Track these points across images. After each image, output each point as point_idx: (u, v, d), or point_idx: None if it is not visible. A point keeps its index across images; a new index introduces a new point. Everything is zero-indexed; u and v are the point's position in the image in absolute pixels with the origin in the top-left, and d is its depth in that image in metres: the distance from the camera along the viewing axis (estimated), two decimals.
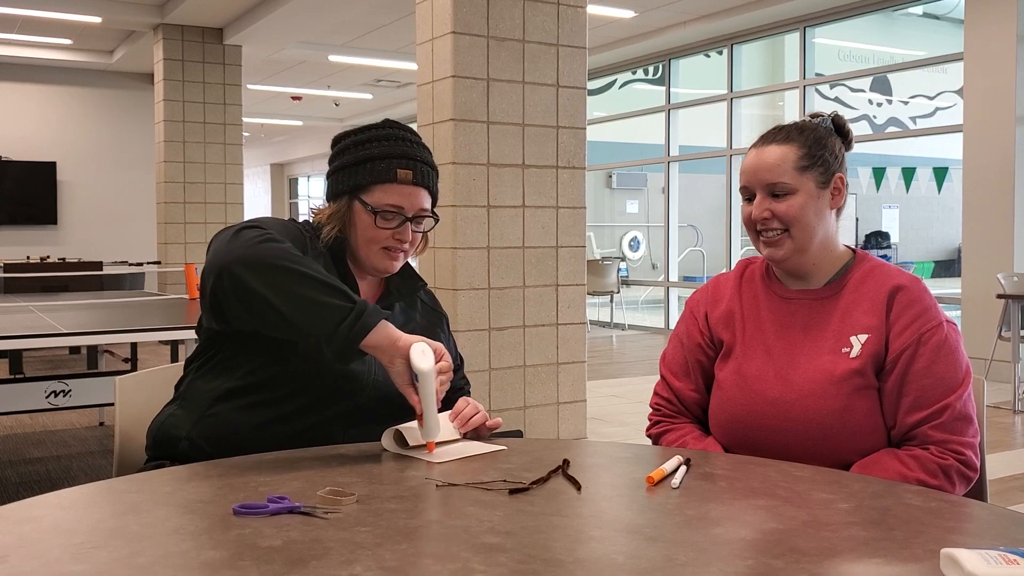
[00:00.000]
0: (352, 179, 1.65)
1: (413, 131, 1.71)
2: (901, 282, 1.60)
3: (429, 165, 1.69)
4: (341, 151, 1.69)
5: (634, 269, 15.60)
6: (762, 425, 1.60)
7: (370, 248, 1.66)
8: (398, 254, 1.67)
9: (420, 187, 1.66)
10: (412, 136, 1.69)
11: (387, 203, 1.63)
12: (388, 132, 1.68)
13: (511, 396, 4.32)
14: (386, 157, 1.64)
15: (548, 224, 4.42)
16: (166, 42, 8.92)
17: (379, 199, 1.63)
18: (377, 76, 11.87)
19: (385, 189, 1.63)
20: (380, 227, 1.64)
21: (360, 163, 1.64)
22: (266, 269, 1.40)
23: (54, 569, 0.95)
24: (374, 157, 1.64)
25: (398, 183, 1.63)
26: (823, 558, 1.00)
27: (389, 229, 1.64)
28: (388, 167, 1.63)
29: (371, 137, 1.67)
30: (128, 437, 1.74)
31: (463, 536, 1.07)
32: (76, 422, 5.43)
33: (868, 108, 14.59)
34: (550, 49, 4.42)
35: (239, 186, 9.30)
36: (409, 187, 1.64)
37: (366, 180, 1.63)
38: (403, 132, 1.69)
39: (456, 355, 1.84)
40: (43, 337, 3.16)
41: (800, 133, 1.64)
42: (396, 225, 1.64)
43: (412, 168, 1.64)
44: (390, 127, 1.69)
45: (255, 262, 1.41)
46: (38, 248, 10.98)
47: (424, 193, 1.67)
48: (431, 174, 1.68)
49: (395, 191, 1.63)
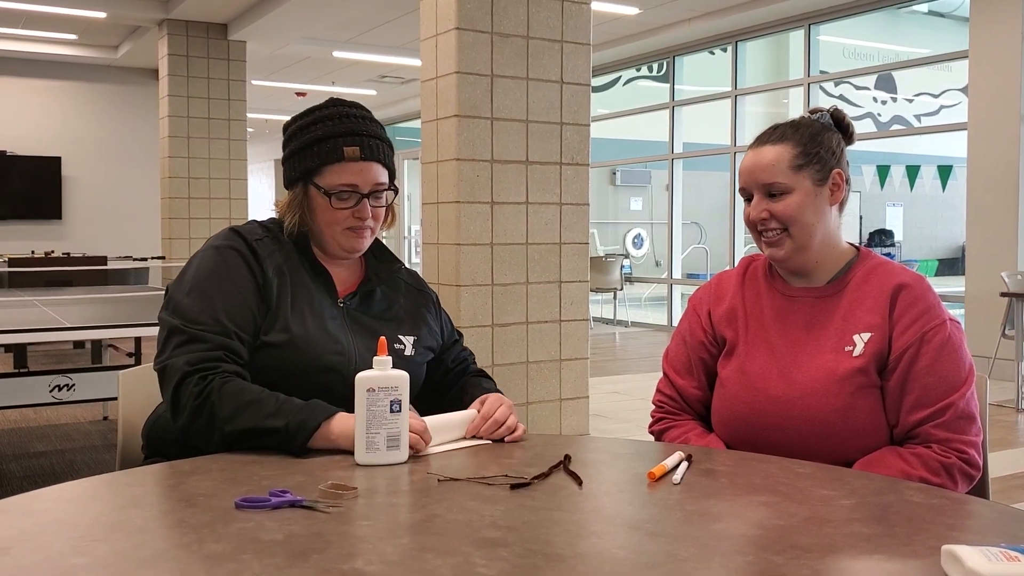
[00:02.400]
0: (302, 164, 1.64)
1: (360, 106, 1.69)
2: (905, 280, 1.59)
3: (377, 138, 1.66)
4: (290, 137, 1.68)
5: (637, 266, 15.59)
6: (765, 423, 1.60)
7: (332, 231, 1.65)
8: (363, 232, 1.66)
9: (370, 161, 1.63)
10: (358, 111, 1.67)
11: (340, 183, 1.62)
12: (332, 111, 1.66)
13: (514, 392, 4.32)
14: (331, 136, 1.62)
15: (551, 221, 4.42)
16: (171, 37, 8.92)
17: (331, 180, 1.62)
18: (381, 72, 11.87)
19: (335, 169, 1.62)
20: (337, 208, 1.63)
21: (307, 147, 1.64)
22: (205, 435, 1.47)
23: (56, 562, 0.96)
24: (319, 139, 1.63)
25: (347, 161, 1.62)
26: (824, 554, 1.00)
27: (347, 209, 1.63)
28: (334, 146, 1.62)
29: (316, 119, 1.65)
30: (131, 431, 1.75)
31: (464, 531, 1.07)
32: (80, 416, 5.44)
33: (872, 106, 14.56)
34: (554, 45, 4.41)
35: (243, 182, 9.30)
36: (359, 163, 1.62)
37: (315, 163, 1.63)
38: (348, 109, 1.67)
39: (452, 331, 1.84)
40: (47, 331, 3.16)
41: (795, 131, 1.63)
42: (353, 204, 1.63)
43: (359, 144, 1.62)
44: (334, 106, 1.67)
45: (196, 432, 1.48)
46: (43, 243, 10.99)
47: (376, 167, 1.65)
48: (380, 146, 1.66)
49: (345, 170, 1.62)
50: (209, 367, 1.49)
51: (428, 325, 1.76)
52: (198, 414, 1.47)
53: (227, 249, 1.61)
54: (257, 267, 1.60)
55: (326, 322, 1.62)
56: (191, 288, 1.57)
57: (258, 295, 1.59)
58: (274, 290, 1.60)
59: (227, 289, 1.57)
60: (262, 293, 1.59)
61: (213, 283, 1.57)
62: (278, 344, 1.56)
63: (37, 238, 11.12)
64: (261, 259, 1.61)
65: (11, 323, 3.27)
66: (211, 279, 1.58)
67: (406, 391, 1.40)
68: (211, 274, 1.58)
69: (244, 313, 1.56)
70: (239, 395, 1.47)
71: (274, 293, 1.60)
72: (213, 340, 1.51)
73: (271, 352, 1.56)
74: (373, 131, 1.66)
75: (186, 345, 1.51)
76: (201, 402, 1.46)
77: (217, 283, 1.57)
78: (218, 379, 1.48)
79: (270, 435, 1.43)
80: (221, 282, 1.57)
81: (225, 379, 1.48)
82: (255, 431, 1.43)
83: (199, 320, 1.53)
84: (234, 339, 1.53)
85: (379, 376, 1.39)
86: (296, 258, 1.66)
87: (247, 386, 1.49)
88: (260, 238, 1.65)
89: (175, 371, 1.49)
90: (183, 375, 1.49)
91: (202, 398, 1.47)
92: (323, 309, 1.63)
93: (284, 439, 1.42)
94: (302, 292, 1.63)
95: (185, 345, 1.51)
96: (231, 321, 1.54)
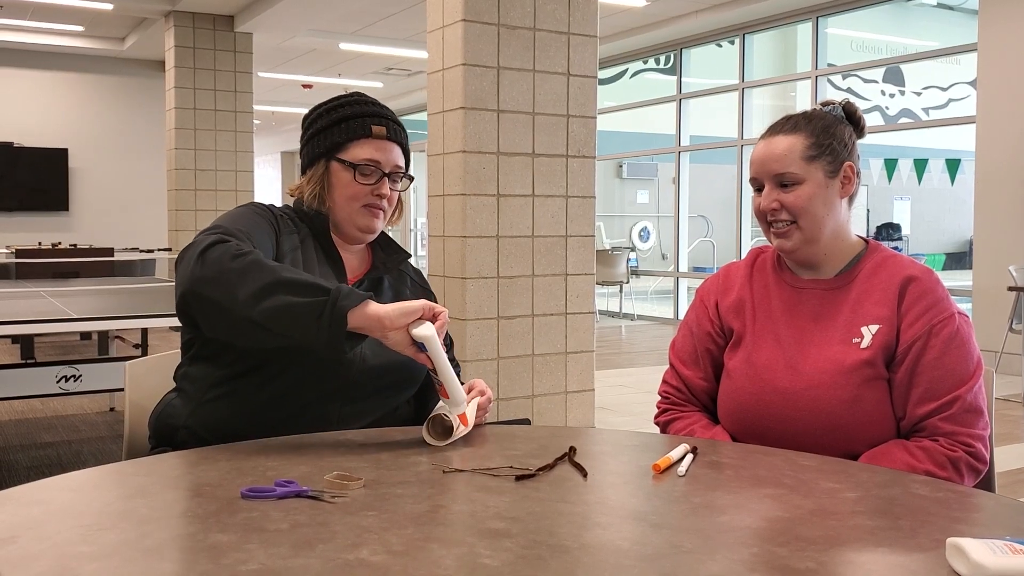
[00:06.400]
0: (327, 140, 1.70)
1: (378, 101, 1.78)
2: (913, 273, 1.59)
3: (399, 125, 1.75)
4: (313, 121, 1.74)
5: (644, 259, 15.56)
6: (771, 414, 1.60)
7: (352, 206, 1.69)
8: (378, 212, 1.70)
9: (394, 142, 1.71)
10: (379, 102, 1.77)
11: (364, 157, 1.68)
12: (357, 98, 1.75)
13: (519, 385, 4.32)
14: (359, 116, 1.71)
15: (558, 213, 4.41)
16: (177, 29, 8.93)
17: (356, 154, 1.68)
18: (388, 64, 11.86)
19: (361, 144, 1.68)
20: (360, 182, 1.68)
21: (334, 124, 1.70)
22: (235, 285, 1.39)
23: (63, 551, 0.96)
24: (347, 117, 1.70)
25: (373, 137, 1.69)
26: (829, 547, 1.00)
27: (369, 184, 1.68)
28: (362, 123, 1.69)
29: (341, 103, 1.74)
30: (138, 422, 1.75)
31: (469, 521, 1.07)
32: (87, 407, 5.46)
33: (880, 99, 14.50)
34: (561, 37, 4.41)
35: (249, 173, 9.31)
36: (384, 141, 1.70)
37: (342, 138, 1.69)
38: (370, 99, 1.76)
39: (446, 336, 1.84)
40: (54, 322, 3.17)
41: (808, 122, 1.63)
42: (375, 180, 1.68)
43: (385, 125, 1.71)
44: (357, 95, 1.76)
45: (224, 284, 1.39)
46: (50, 234, 11.02)
47: (398, 149, 1.72)
48: (402, 132, 1.75)
49: (371, 145, 1.69)
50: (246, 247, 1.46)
51: None
52: (237, 260, 1.40)
53: (257, 206, 1.67)
54: (277, 235, 1.63)
55: None
56: (224, 217, 1.59)
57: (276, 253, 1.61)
58: (287, 263, 1.60)
59: (258, 228, 1.59)
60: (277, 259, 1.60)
61: (245, 221, 1.59)
62: None
63: (44, 230, 11.15)
64: (280, 232, 1.65)
65: (18, 314, 3.28)
66: (243, 219, 1.60)
67: None
68: (242, 217, 1.61)
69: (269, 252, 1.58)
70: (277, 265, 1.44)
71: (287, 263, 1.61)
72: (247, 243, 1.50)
73: None
74: (394, 117, 1.76)
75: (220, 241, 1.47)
76: (239, 255, 1.41)
77: (249, 221, 1.60)
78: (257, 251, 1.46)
79: (318, 292, 1.38)
80: (252, 221, 1.60)
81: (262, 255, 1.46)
82: (308, 285, 1.38)
83: (232, 232, 1.51)
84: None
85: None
86: (311, 242, 1.69)
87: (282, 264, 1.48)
88: (280, 215, 1.69)
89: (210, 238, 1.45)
90: (218, 239, 1.45)
91: (241, 252, 1.42)
92: None
93: (333, 300, 1.36)
94: (312, 273, 1.63)
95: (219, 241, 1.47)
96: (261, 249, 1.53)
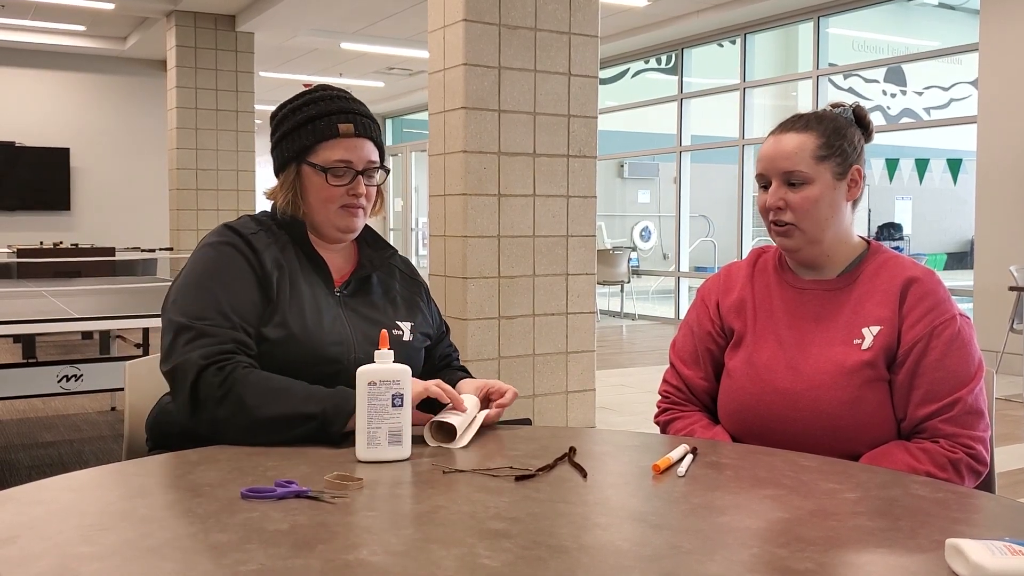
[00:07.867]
0: (295, 144, 1.66)
1: (345, 91, 1.73)
2: (915, 274, 1.59)
3: (368, 117, 1.70)
4: (280, 121, 1.70)
5: (645, 259, 15.55)
6: (772, 415, 1.60)
7: (327, 209, 1.66)
8: (357, 211, 1.68)
9: (364, 138, 1.67)
10: (345, 94, 1.71)
11: (335, 159, 1.64)
12: (321, 94, 1.69)
13: (520, 384, 4.32)
14: (325, 115, 1.65)
15: (559, 213, 4.41)
16: (179, 29, 8.93)
17: (326, 157, 1.65)
18: (389, 64, 11.86)
19: (330, 146, 1.64)
20: (332, 185, 1.65)
21: (300, 126, 1.66)
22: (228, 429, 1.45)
23: (63, 550, 0.96)
24: (313, 117, 1.65)
25: (341, 137, 1.64)
26: (828, 547, 1.00)
27: (342, 186, 1.65)
28: (329, 123, 1.64)
29: (306, 102, 1.69)
30: (138, 422, 1.75)
31: (469, 522, 1.07)
32: (88, 407, 5.47)
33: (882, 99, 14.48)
34: (562, 37, 4.41)
35: (251, 173, 9.31)
36: (353, 139, 1.65)
37: (310, 141, 1.65)
38: (335, 91, 1.71)
39: (440, 323, 1.85)
40: (56, 322, 3.18)
41: (819, 122, 1.63)
42: (348, 181, 1.65)
43: (352, 121, 1.66)
44: (322, 89, 1.71)
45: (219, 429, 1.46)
46: (51, 234, 11.02)
47: (369, 144, 1.68)
48: (372, 125, 1.69)
49: (340, 145, 1.64)
50: (224, 359, 1.48)
51: (423, 312, 1.77)
52: (223, 404, 1.45)
53: (223, 245, 1.62)
54: (255, 260, 1.60)
55: (324, 313, 1.62)
56: (192, 286, 1.57)
57: (259, 287, 1.59)
58: (274, 283, 1.60)
59: (228, 283, 1.57)
60: (263, 286, 1.59)
61: (213, 279, 1.57)
62: (276, 339, 1.56)
63: (46, 229, 11.16)
64: (259, 252, 1.61)
65: (20, 313, 3.28)
66: (210, 275, 1.58)
67: (408, 385, 1.38)
68: (210, 271, 1.58)
69: (247, 306, 1.56)
70: (265, 383, 1.46)
71: (275, 286, 1.60)
72: (222, 334, 1.51)
73: (271, 346, 1.56)
74: (362, 111, 1.70)
75: (195, 341, 1.50)
76: (225, 392, 1.45)
77: (217, 278, 1.57)
78: (239, 369, 1.47)
79: (307, 421, 1.42)
80: (221, 277, 1.57)
81: (245, 369, 1.48)
82: (291, 417, 1.42)
83: (204, 315, 1.52)
84: (241, 331, 1.53)
85: (381, 369, 1.37)
86: (292, 250, 1.66)
87: (269, 375, 1.49)
88: (255, 232, 1.65)
89: (191, 366, 1.48)
90: (200, 369, 1.47)
91: (226, 388, 1.45)
92: (320, 300, 1.63)
93: (321, 424, 1.41)
94: (300, 285, 1.63)
95: (194, 341, 1.50)
96: (236, 314, 1.54)
